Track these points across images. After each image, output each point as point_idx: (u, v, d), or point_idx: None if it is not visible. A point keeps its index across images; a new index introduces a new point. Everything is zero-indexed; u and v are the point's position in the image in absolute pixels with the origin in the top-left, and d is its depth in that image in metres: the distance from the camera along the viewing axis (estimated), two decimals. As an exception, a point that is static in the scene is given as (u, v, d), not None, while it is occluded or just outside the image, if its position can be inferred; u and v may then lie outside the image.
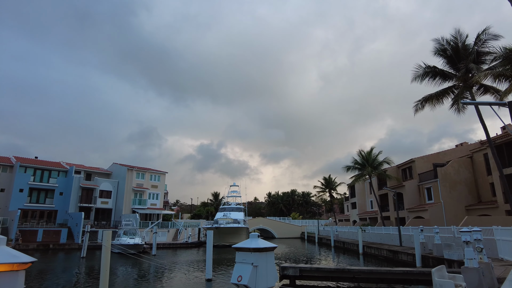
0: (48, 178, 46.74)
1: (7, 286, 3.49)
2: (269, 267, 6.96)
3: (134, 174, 52.12)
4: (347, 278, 16.39)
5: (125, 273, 22.07)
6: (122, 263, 26.26)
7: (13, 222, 38.24)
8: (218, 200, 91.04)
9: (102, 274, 13.41)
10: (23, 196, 43.14)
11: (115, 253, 28.97)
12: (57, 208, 45.86)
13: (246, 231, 51.25)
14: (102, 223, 47.16)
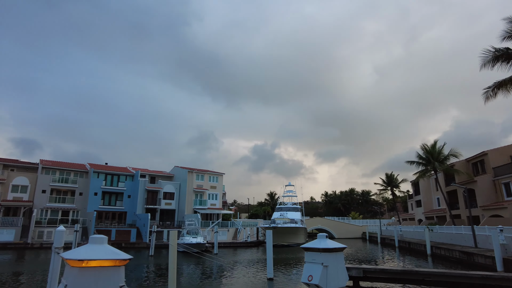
0: (118, 182, 50.76)
1: (111, 279, 4.00)
2: (339, 267, 6.82)
3: (194, 176, 54.53)
4: (415, 281, 15.40)
5: (189, 271, 23.11)
6: (187, 261, 27.52)
7: (91, 223, 42.17)
8: (274, 200, 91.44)
9: (170, 271, 14.12)
10: (98, 199, 47.44)
11: (179, 251, 30.49)
12: (126, 209, 49.66)
13: (304, 231, 50.74)
14: (167, 223, 49.94)
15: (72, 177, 48.02)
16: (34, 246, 37.44)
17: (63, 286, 4.02)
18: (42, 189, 44.85)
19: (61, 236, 11.09)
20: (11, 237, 38.10)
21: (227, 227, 49.65)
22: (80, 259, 3.95)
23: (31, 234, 38.66)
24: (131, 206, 49.81)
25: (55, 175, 46.77)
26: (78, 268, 3.94)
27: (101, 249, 4.19)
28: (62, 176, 47.34)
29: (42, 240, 39.09)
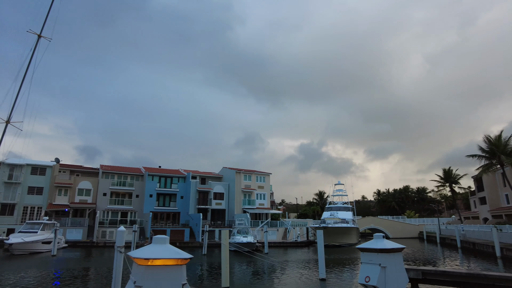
0: (171, 184, 53.14)
1: (175, 277, 4.24)
2: (398, 268, 6.48)
3: (242, 176, 55.39)
4: (483, 285, 14.08)
5: (241, 270, 23.44)
6: (238, 260, 27.96)
7: (147, 223, 44.60)
8: (323, 200, 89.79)
9: (223, 269, 14.41)
10: (153, 200, 50.08)
11: (231, 250, 31.10)
12: (180, 210, 51.81)
13: (356, 231, 49.15)
14: (218, 223, 51.25)
15: (129, 181, 51.20)
16: (99, 245, 40.45)
17: (132, 282, 4.32)
18: (103, 192, 48.39)
19: (122, 236, 11.88)
20: (80, 236, 41.58)
21: (276, 227, 49.71)
22: (146, 258, 4.24)
23: (96, 233, 41.84)
24: (184, 206, 51.89)
25: (114, 179, 50.18)
26: (144, 266, 4.23)
27: (164, 248, 4.47)
28: (120, 179, 50.66)
29: (105, 239, 42.11)
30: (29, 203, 44.53)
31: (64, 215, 44.33)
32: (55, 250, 29.78)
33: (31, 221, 35.32)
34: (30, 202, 44.61)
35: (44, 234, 32.55)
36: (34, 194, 45.00)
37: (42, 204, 45.00)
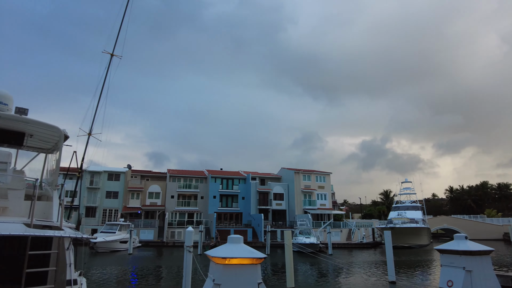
0: (232, 185, 54.60)
1: (251, 276, 4.37)
2: (487, 273, 5.81)
3: (301, 176, 54.88)
4: None
5: (305, 270, 23.14)
6: (301, 261, 27.66)
7: (212, 223, 46.31)
8: (389, 199, 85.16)
9: (287, 270, 14.33)
10: (216, 201, 51.88)
11: (294, 251, 30.89)
12: (242, 210, 52.96)
13: (427, 232, 45.81)
14: (279, 223, 51.34)
15: (194, 183, 53.74)
16: (169, 244, 42.98)
17: (211, 280, 4.54)
18: (171, 194, 51.38)
19: (191, 236, 12.45)
20: (151, 236, 44.62)
21: (339, 228, 48.32)
22: (223, 257, 4.43)
23: (166, 234, 44.55)
24: (245, 207, 52.96)
25: (180, 182, 53.05)
26: (222, 265, 4.41)
27: (239, 248, 4.64)
28: (186, 182, 53.41)
29: (174, 239, 44.61)
30: (108, 206, 49.02)
31: (137, 217, 47.97)
32: (131, 249, 32.32)
33: (110, 223, 38.90)
34: (108, 205, 49.08)
35: (121, 234, 35.50)
36: (111, 198, 49.44)
37: (118, 207, 49.23)
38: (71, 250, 6.31)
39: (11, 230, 4.77)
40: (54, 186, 8.13)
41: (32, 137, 8.29)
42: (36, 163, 9.47)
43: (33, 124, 7.60)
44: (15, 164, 8.47)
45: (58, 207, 7.28)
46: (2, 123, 7.55)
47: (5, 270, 6.15)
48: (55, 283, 6.31)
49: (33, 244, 5.82)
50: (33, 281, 6.00)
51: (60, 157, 8.18)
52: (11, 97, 7.31)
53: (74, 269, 6.24)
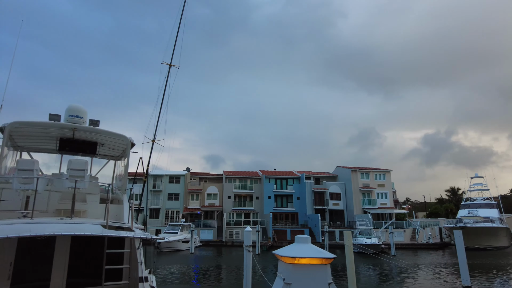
0: (286, 185, 54.53)
1: (321, 276, 4.41)
2: None
3: (358, 175, 52.99)
4: None
5: (367, 272, 22.26)
6: (363, 262, 26.67)
7: (268, 223, 46.66)
8: (457, 196, 78.58)
9: (348, 271, 13.92)
10: (271, 202, 52.19)
11: (354, 252, 29.90)
12: (297, 210, 52.61)
13: (507, 232, 41.52)
14: (337, 224, 50.09)
15: (248, 184, 54.65)
16: (227, 244, 44.15)
17: (281, 279, 4.63)
18: (228, 195, 52.80)
19: (249, 236, 12.67)
20: (211, 236, 46.22)
21: (402, 228, 45.77)
22: (293, 257, 4.50)
23: (224, 233, 45.85)
24: (301, 207, 52.53)
25: (236, 183, 54.30)
26: (292, 265, 4.48)
27: (307, 248, 4.68)
28: (241, 183, 54.54)
29: (232, 239, 45.72)
30: (170, 207, 51.83)
31: (197, 217, 50.02)
32: (193, 249, 33.79)
33: (172, 223, 41.09)
34: (170, 207, 51.87)
35: (183, 234, 37.28)
36: (172, 200, 52.21)
37: (179, 208, 51.80)
38: (141, 249, 6.78)
39: (91, 231, 5.25)
40: (124, 190, 8.81)
41: (103, 146, 9.10)
42: (107, 169, 10.37)
43: (104, 134, 8.36)
44: (90, 171, 9.32)
45: (128, 210, 7.88)
46: (79, 135, 8.41)
47: (87, 266, 6.80)
48: (129, 279, 6.83)
49: (108, 243, 6.37)
50: (110, 277, 6.55)
51: (128, 163, 8.85)
52: (86, 111, 8.09)
53: (144, 267, 6.69)
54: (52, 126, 7.75)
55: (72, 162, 7.53)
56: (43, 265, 6.42)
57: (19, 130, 7.81)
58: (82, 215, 7.76)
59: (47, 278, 6.40)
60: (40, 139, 8.74)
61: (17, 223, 5.80)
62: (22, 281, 6.18)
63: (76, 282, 6.63)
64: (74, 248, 6.73)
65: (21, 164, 7.14)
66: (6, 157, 7.80)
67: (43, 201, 7.35)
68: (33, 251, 6.39)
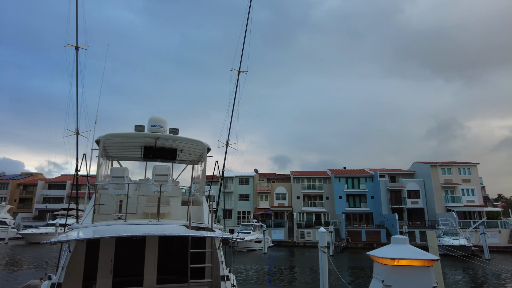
0: (358, 184, 52.34)
1: (423, 279, 4.17)
2: None
3: (439, 170, 48.62)
4: None
5: (457, 277, 20.24)
6: (450, 266, 24.38)
7: (341, 224, 45.29)
8: None
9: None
10: (343, 201, 50.57)
11: (440, 254, 27.49)
12: (372, 210, 50.14)
13: None
14: (417, 223, 46.56)
15: (317, 183, 53.73)
16: (299, 245, 43.88)
17: (378, 281, 4.46)
18: (296, 195, 52.56)
19: (324, 237, 12.38)
20: (282, 236, 46.41)
21: (496, 228, 40.75)
22: (392, 258, 4.32)
23: (295, 234, 45.67)
24: (375, 206, 49.98)
25: (304, 183, 53.80)
26: (390, 266, 4.29)
27: (406, 249, 4.47)
28: (309, 183, 53.86)
29: (304, 239, 45.32)
30: (241, 208, 53.40)
31: (267, 218, 50.66)
32: (266, 249, 34.25)
33: (245, 223, 42.21)
34: (241, 207, 53.41)
35: (255, 234, 38.04)
36: (243, 201, 53.70)
37: (249, 208, 53.06)
38: (221, 248, 7.05)
39: (177, 231, 5.60)
40: (202, 193, 9.29)
41: (182, 151, 9.73)
42: (185, 173, 11.02)
43: (183, 141, 8.93)
44: (171, 176, 10.01)
45: (207, 211, 8.28)
46: (160, 143, 9.11)
47: (172, 263, 7.31)
48: (212, 277, 7.15)
49: (191, 243, 6.76)
50: (194, 275, 6.94)
51: (205, 167, 9.31)
52: (166, 120, 8.73)
53: (225, 266, 6.94)
54: (137, 136, 8.51)
55: (157, 168, 8.16)
56: (137, 262, 7.06)
57: (111, 141, 8.73)
58: (166, 216, 8.36)
59: (141, 274, 7.01)
60: (128, 149, 9.65)
61: (114, 224, 6.46)
62: (120, 276, 6.87)
63: (164, 279, 7.16)
64: (161, 247, 7.29)
65: (114, 171, 7.95)
66: (101, 166, 8.76)
67: (133, 204, 8.09)
68: (127, 250, 7.06)
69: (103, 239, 6.79)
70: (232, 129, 11.38)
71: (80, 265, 6.68)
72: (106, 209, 7.99)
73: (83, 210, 8.47)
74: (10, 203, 61.69)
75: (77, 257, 6.63)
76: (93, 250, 6.79)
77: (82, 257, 6.72)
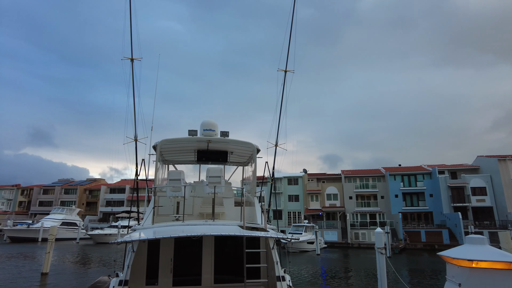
0: (415, 182, 49.41)
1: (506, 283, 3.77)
2: None
3: (508, 164, 44.20)
4: None
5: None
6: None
7: (397, 224, 43.09)
8: None
9: None
10: (399, 200, 48.04)
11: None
12: (431, 209, 47.03)
13: None
14: (485, 223, 42.72)
15: (371, 182, 51.67)
16: (354, 246, 42.50)
17: (455, 284, 4.14)
18: (349, 195, 50.99)
19: (381, 237, 11.89)
20: (335, 237, 45.30)
21: None
22: (469, 259, 3.98)
23: (349, 235, 44.32)
24: (435, 205, 46.82)
25: (356, 182, 52.03)
26: (468, 268, 3.96)
27: (486, 249, 4.08)
28: (362, 182, 51.95)
29: (359, 240, 43.79)
30: (291, 208, 53.11)
31: (319, 218, 49.78)
32: (318, 250, 33.65)
33: (296, 224, 41.88)
34: (291, 208, 53.11)
35: (307, 235, 37.56)
36: (293, 201, 53.37)
37: (300, 209, 52.56)
38: (275, 249, 7.03)
39: (233, 231, 5.69)
40: (254, 193, 9.37)
41: (233, 154, 9.93)
42: (236, 175, 11.24)
43: (233, 143, 9.13)
44: (223, 178, 10.26)
45: (260, 211, 8.33)
46: (212, 146, 9.40)
47: (228, 263, 7.44)
48: (268, 278, 7.16)
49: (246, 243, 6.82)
50: (249, 275, 6.99)
51: (256, 168, 9.41)
52: (216, 124, 9.00)
53: (280, 266, 6.90)
54: (191, 140, 8.86)
55: (210, 170, 8.41)
56: (195, 261, 7.30)
57: (167, 146, 9.18)
58: (221, 217, 8.56)
59: (198, 273, 7.23)
60: (182, 153, 10.08)
61: (173, 225, 6.74)
62: (180, 275, 7.15)
63: (221, 278, 7.31)
64: (217, 247, 7.46)
65: (171, 175, 8.34)
66: (158, 170, 9.24)
67: (189, 206, 8.40)
68: (186, 250, 7.33)
69: (163, 240, 7.12)
70: (280, 129, 11.38)
71: (143, 264, 7.07)
72: (165, 210, 8.39)
73: (143, 213, 8.99)
74: (79, 206, 67.57)
75: (140, 257, 7.02)
76: (154, 250, 7.15)
77: (144, 257, 7.10)
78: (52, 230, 19.10)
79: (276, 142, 11.26)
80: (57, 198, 72.77)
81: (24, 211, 74.48)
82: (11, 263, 22.94)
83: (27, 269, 20.56)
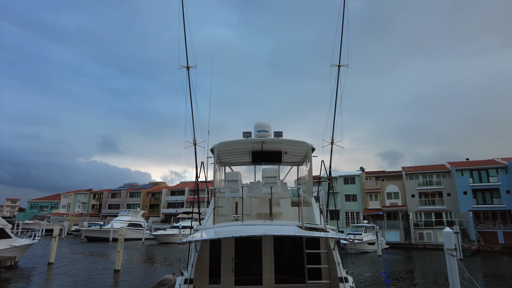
0: (487, 177, 44.99)
1: None
2: None
3: None
4: None
5: None
6: None
7: (468, 224, 39.60)
8: None
9: None
10: (469, 198, 44.02)
11: None
12: (509, 207, 42.39)
13: None
14: None
15: (435, 179, 48.10)
16: (418, 247, 39.90)
17: None
18: (411, 193, 47.99)
19: (450, 238, 10.95)
20: (397, 238, 42.94)
21: None
22: None
23: (413, 235, 41.71)
24: (512, 202, 42.23)
25: (419, 179, 48.80)
26: None
27: None
28: (425, 179, 48.57)
29: (424, 241, 41.03)
30: (348, 208, 51.41)
31: (379, 218, 47.55)
32: (380, 251, 32.14)
33: (354, 224, 40.46)
34: (349, 208, 51.40)
35: (367, 236, 36.09)
36: (350, 201, 51.62)
37: (358, 209, 50.66)
38: (336, 249, 6.83)
39: (292, 231, 5.62)
40: (310, 193, 9.22)
41: (287, 153, 9.88)
42: (290, 175, 11.17)
43: (287, 143, 9.08)
44: (278, 178, 10.26)
45: (318, 211, 8.16)
46: (266, 146, 9.44)
47: (288, 264, 7.38)
48: (330, 279, 6.98)
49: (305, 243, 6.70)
50: (310, 276, 6.86)
51: (311, 167, 9.25)
52: (270, 125, 9.03)
53: (342, 267, 6.69)
54: (246, 142, 8.99)
55: (266, 171, 8.44)
56: (255, 261, 7.35)
57: (223, 148, 9.43)
58: (278, 217, 8.55)
59: (259, 273, 7.27)
60: (237, 154, 10.28)
61: (232, 225, 6.87)
62: (241, 274, 7.25)
63: (281, 279, 7.27)
64: (276, 247, 7.44)
65: (229, 176, 8.53)
66: (216, 172, 9.51)
67: (247, 206, 8.51)
68: (246, 249, 7.42)
69: (224, 239, 7.29)
70: (335, 126, 11.07)
71: (206, 263, 7.30)
72: (224, 211, 8.61)
73: (202, 213, 9.30)
74: (143, 208, 72.31)
75: (204, 256, 7.26)
76: (216, 249, 7.35)
77: (207, 256, 7.33)
78: (121, 231, 20.66)
79: (332, 139, 10.96)
80: (123, 201, 78.64)
81: (96, 213, 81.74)
82: (89, 260, 25.26)
83: (102, 266, 22.46)
